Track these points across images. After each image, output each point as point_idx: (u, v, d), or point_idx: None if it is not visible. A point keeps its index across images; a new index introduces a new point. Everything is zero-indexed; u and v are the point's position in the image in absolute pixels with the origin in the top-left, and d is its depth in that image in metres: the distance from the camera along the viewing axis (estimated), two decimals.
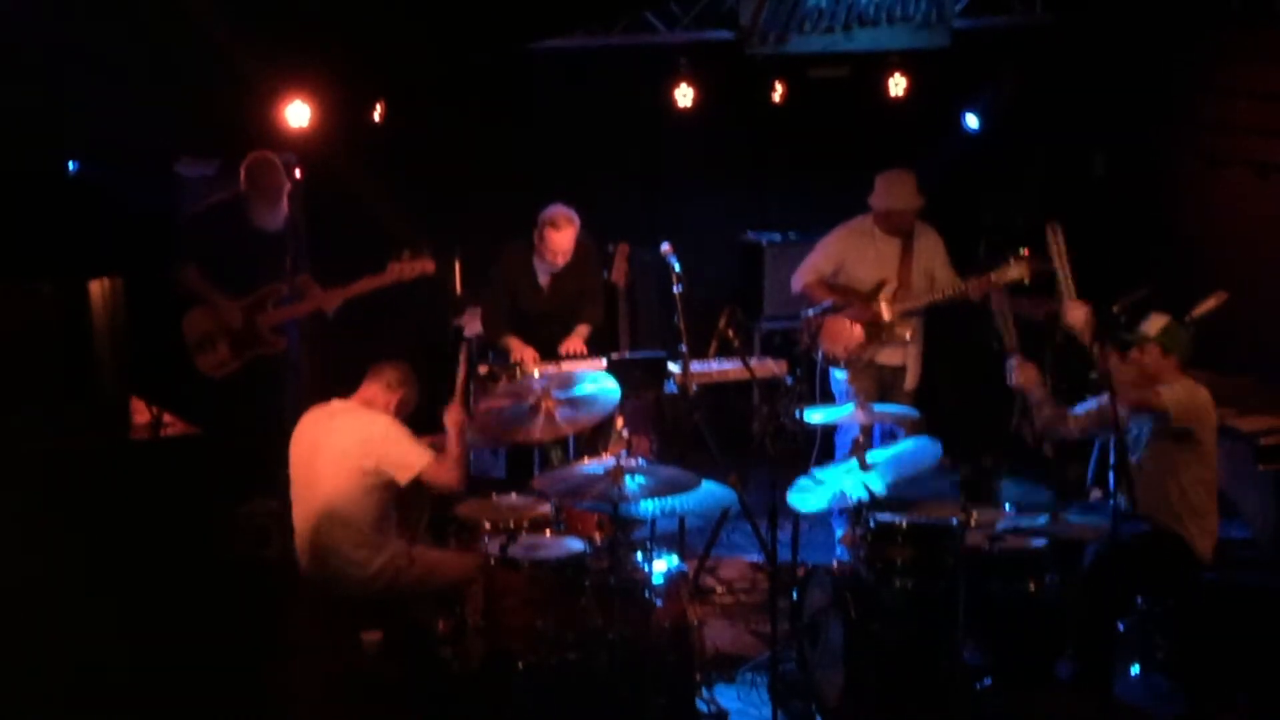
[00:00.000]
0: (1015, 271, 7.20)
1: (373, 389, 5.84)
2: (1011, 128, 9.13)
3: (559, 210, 7.18)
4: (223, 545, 6.28)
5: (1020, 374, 6.20)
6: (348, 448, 5.64)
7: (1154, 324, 6.01)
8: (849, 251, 7.44)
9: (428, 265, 7.20)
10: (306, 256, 7.34)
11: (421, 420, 5.96)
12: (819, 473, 6.11)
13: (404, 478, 5.65)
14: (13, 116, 5.47)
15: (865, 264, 7.40)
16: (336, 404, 5.84)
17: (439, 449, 5.76)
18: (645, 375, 6.76)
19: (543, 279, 7.31)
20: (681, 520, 6.77)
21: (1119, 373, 5.91)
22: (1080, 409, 6.08)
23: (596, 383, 6.24)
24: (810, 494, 5.98)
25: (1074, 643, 5.71)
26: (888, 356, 7.43)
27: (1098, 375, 6.04)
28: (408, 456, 5.64)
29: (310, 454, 5.75)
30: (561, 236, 7.14)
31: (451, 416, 5.79)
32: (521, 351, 7.16)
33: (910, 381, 7.49)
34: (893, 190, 7.35)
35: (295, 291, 7.24)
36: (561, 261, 7.22)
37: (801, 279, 7.52)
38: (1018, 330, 6.37)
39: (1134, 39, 8.54)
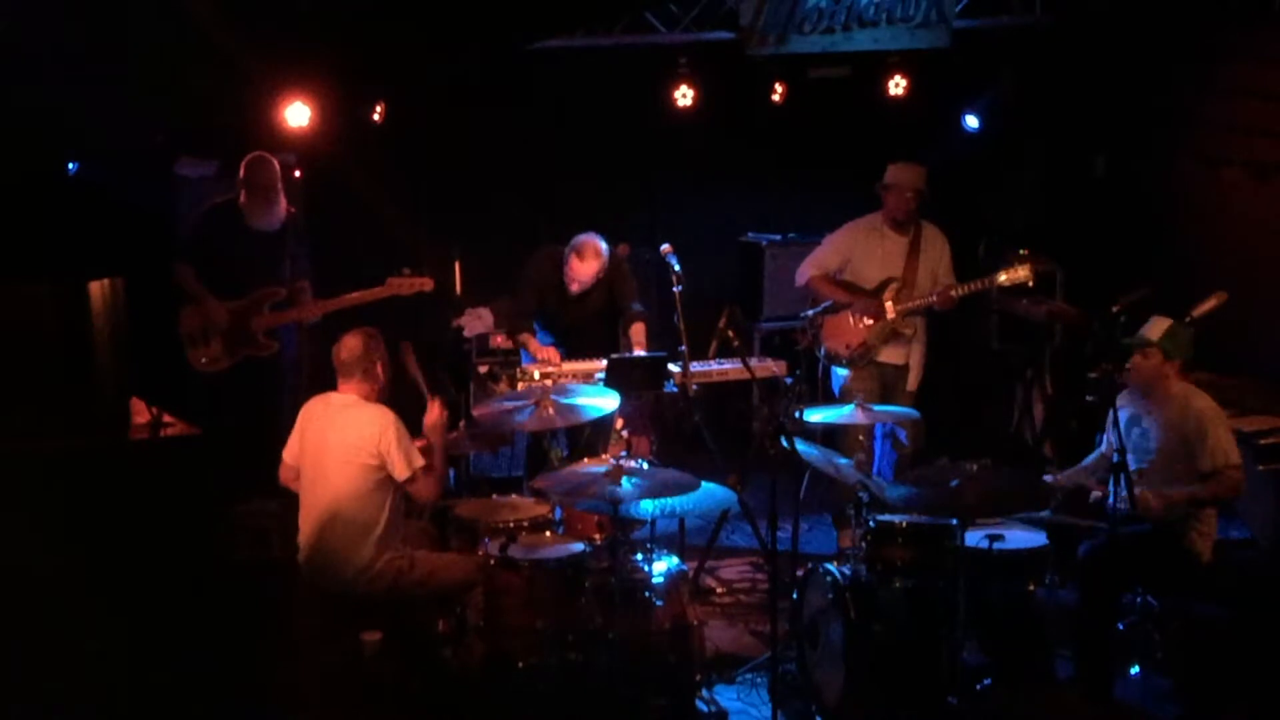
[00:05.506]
0: (1023, 273, 7.22)
1: (360, 386, 5.78)
2: (1011, 128, 9.13)
3: (590, 241, 7.18)
4: (222, 545, 6.29)
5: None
6: (354, 444, 5.62)
7: (1156, 328, 5.89)
8: (857, 247, 7.45)
9: (426, 283, 7.20)
10: (307, 261, 7.32)
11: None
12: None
13: (400, 475, 5.63)
14: (13, 116, 5.47)
15: (873, 261, 7.41)
16: (336, 397, 5.82)
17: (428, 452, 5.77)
18: (645, 375, 6.74)
19: (572, 286, 7.31)
20: (681, 520, 6.76)
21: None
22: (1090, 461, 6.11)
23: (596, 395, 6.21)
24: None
25: (1074, 643, 5.72)
26: (891, 355, 7.43)
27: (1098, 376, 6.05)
28: (406, 456, 5.63)
29: (318, 449, 5.71)
30: (583, 267, 7.17)
31: (431, 418, 5.81)
32: (542, 352, 7.14)
33: (913, 382, 7.48)
34: (899, 169, 7.41)
35: (292, 296, 7.24)
36: (576, 289, 7.25)
37: (806, 272, 7.52)
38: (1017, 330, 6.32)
39: (1133, 39, 8.53)
